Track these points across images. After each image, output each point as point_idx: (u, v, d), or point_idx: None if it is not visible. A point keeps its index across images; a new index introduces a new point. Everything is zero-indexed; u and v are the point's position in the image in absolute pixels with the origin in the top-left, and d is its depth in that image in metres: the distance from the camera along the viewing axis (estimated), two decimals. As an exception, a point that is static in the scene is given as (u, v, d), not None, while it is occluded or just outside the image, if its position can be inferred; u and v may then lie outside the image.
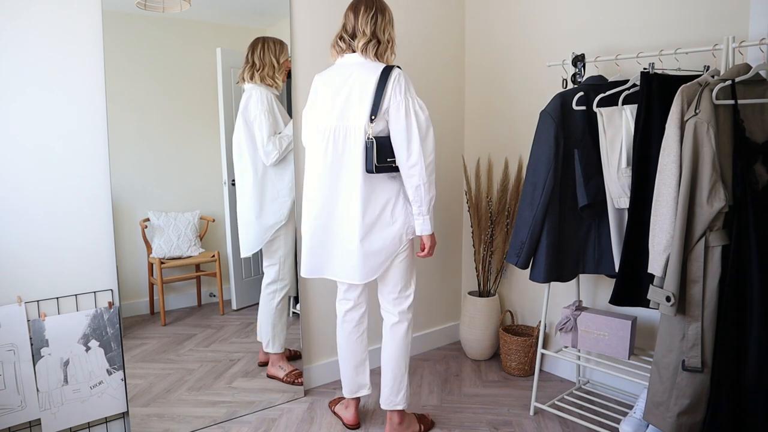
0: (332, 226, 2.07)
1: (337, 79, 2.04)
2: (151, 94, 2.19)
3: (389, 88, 1.95)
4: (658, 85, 1.89)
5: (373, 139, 1.95)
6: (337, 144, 2.01)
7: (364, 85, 1.97)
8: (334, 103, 2.02)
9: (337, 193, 2.04)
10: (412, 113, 1.95)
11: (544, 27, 2.71)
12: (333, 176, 2.03)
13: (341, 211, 2.05)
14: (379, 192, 2.03)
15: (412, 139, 1.95)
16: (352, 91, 1.99)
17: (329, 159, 2.03)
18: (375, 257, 2.05)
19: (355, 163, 1.99)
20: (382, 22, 2.03)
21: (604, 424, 2.22)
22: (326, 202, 2.06)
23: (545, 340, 2.78)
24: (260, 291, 2.47)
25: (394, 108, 1.95)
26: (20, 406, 1.96)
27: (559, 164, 2.15)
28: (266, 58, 2.35)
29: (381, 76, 1.96)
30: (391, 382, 2.16)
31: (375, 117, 1.95)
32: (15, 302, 1.95)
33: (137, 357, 2.19)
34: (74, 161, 2.04)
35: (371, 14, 2.01)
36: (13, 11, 1.89)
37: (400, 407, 2.18)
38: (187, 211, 2.32)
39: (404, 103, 1.95)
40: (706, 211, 1.64)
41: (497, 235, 2.95)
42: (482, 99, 3.07)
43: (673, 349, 1.72)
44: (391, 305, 2.17)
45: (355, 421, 2.31)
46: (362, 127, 1.97)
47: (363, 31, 2.00)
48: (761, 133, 1.72)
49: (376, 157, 1.96)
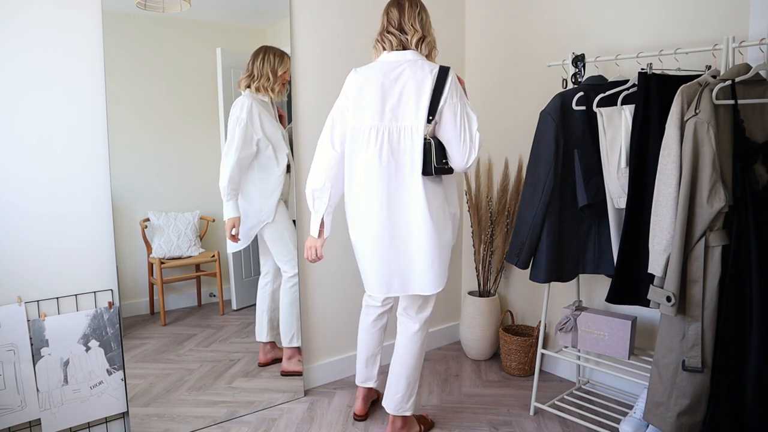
0: (396, 235, 1.94)
1: (386, 79, 1.91)
2: (151, 94, 2.19)
3: (446, 89, 1.87)
4: (656, 85, 1.89)
5: (431, 140, 1.89)
6: (392, 146, 1.90)
7: (420, 85, 1.87)
8: (385, 104, 1.90)
9: (398, 198, 1.92)
10: (466, 115, 1.91)
11: (544, 27, 2.71)
12: (389, 180, 1.91)
13: (404, 217, 1.93)
14: (433, 196, 1.93)
15: (471, 141, 1.90)
16: (405, 91, 1.89)
17: (384, 162, 1.90)
18: (439, 268, 1.96)
19: (413, 166, 1.89)
20: (427, 20, 1.99)
21: (604, 424, 2.22)
22: (385, 208, 1.92)
23: (545, 340, 2.78)
24: (269, 289, 2.49)
25: (451, 109, 1.88)
26: (20, 406, 1.96)
27: (559, 164, 2.15)
28: (264, 69, 2.36)
29: (439, 76, 1.88)
30: (405, 388, 2.12)
31: (432, 118, 1.88)
32: (15, 302, 1.95)
33: (137, 357, 2.19)
34: (74, 161, 2.04)
35: (417, 11, 1.96)
36: (13, 11, 1.89)
37: (408, 413, 2.15)
38: (187, 211, 2.32)
39: (460, 105, 1.90)
40: (706, 211, 1.64)
41: (497, 235, 2.95)
42: (482, 99, 3.06)
43: (673, 349, 1.72)
44: (415, 311, 2.12)
45: (362, 412, 2.35)
46: (420, 128, 1.87)
47: (413, 27, 1.94)
48: (761, 133, 1.72)
49: (435, 158, 1.88)
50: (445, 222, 1.97)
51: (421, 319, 2.13)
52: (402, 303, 2.16)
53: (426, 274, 1.95)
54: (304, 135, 2.54)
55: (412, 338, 2.12)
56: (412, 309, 2.13)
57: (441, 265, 1.97)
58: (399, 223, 1.93)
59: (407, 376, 2.12)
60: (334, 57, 2.59)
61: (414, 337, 2.12)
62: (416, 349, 2.13)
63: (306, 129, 2.54)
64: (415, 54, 1.95)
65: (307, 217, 2.57)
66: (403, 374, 2.13)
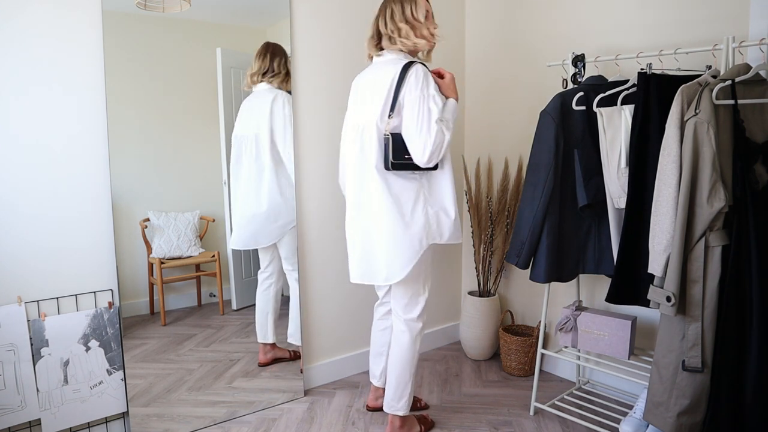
0: (365, 225, 2.04)
1: (364, 80, 2.07)
2: (151, 94, 2.19)
3: (405, 83, 1.91)
4: (656, 85, 1.89)
5: (389, 135, 1.92)
6: (363, 142, 2.00)
7: (386, 83, 1.95)
8: (360, 104, 2.05)
9: (364, 191, 2.02)
10: (427, 109, 1.89)
11: (544, 27, 2.71)
12: (359, 174, 2.02)
13: (368, 209, 2.02)
14: (402, 190, 1.97)
15: (428, 132, 1.88)
16: (375, 89, 1.99)
17: (354, 158, 2.03)
18: (396, 260, 1.99)
19: (371, 161, 1.97)
20: (398, 12, 1.99)
21: (604, 424, 2.22)
22: (357, 200, 2.05)
23: (545, 340, 2.78)
24: (273, 291, 2.50)
25: (410, 104, 1.90)
26: (20, 406, 1.96)
27: (559, 164, 2.15)
28: (283, 68, 2.42)
29: (401, 72, 1.93)
30: (394, 388, 2.14)
31: (392, 113, 1.93)
32: (15, 302, 1.95)
33: (137, 357, 2.19)
34: (74, 161, 2.04)
35: (387, 8, 2.02)
36: (13, 11, 1.89)
37: (400, 413, 2.15)
38: (187, 211, 2.32)
39: (421, 99, 1.90)
40: (706, 211, 1.64)
41: (497, 235, 2.95)
42: (482, 99, 3.07)
43: (673, 349, 1.72)
44: (402, 311, 2.13)
45: (369, 404, 2.45)
46: (378, 124, 1.95)
47: (385, 27, 2.01)
48: (761, 133, 1.72)
49: (392, 153, 1.92)
50: (414, 218, 1.97)
51: (406, 321, 2.12)
52: (392, 300, 2.18)
53: (382, 265, 2.01)
54: (304, 135, 2.54)
55: (397, 338, 2.14)
56: (397, 308, 2.15)
57: (398, 257, 1.98)
58: (365, 214, 2.04)
59: (396, 376, 2.14)
60: (334, 57, 2.59)
61: (399, 338, 2.13)
62: (402, 351, 2.12)
63: (306, 129, 2.54)
64: (393, 53, 2.01)
65: (308, 217, 2.58)
66: (392, 374, 2.15)
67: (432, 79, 1.96)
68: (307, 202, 2.57)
